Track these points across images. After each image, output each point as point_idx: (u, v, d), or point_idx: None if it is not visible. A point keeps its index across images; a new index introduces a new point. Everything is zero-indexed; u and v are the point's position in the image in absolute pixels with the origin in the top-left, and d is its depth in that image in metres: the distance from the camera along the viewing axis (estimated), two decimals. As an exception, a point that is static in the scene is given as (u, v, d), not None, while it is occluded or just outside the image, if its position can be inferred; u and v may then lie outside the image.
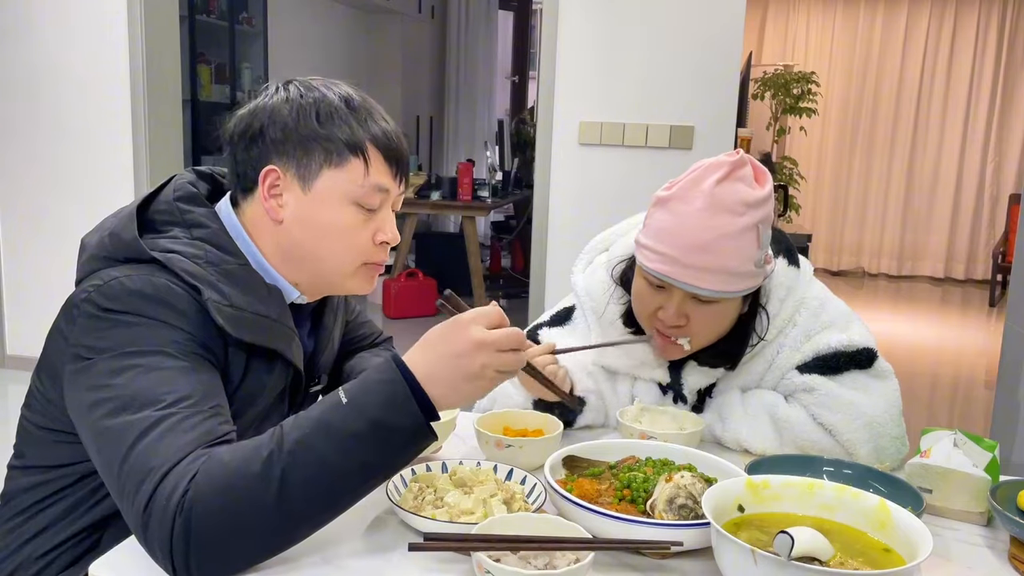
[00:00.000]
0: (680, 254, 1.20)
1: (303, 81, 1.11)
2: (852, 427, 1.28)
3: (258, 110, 1.08)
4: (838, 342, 1.33)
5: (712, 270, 1.20)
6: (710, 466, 1.08)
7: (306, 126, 1.05)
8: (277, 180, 1.07)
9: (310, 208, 1.07)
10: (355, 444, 0.87)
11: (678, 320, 1.26)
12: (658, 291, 1.27)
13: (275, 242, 1.10)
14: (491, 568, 0.82)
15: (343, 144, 1.05)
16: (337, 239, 1.08)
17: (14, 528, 1.09)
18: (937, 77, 8.05)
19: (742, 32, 3.39)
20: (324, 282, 1.13)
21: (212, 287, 1.01)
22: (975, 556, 1.02)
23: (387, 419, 0.88)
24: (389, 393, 0.89)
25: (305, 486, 0.85)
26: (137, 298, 0.97)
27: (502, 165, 6.89)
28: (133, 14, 3.69)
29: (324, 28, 6.77)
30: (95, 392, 0.94)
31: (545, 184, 3.59)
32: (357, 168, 1.06)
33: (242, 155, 1.09)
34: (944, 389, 4.88)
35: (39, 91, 3.86)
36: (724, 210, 1.19)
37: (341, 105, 1.07)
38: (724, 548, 0.84)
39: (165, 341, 0.96)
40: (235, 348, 1.04)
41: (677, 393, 1.40)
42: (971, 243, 8.21)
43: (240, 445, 0.89)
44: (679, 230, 1.20)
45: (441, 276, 5.88)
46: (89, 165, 3.84)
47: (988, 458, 1.12)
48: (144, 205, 1.08)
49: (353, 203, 1.07)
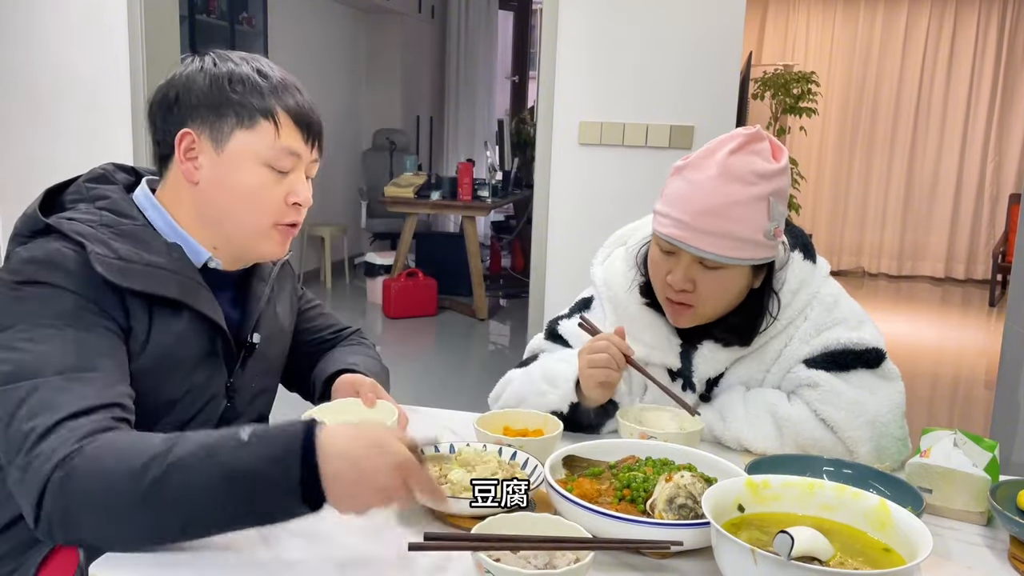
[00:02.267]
0: (690, 218, 1.24)
1: (219, 52, 1.16)
2: (854, 424, 1.28)
3: (174, 79, 1.14)
4: (848, 339, 1.34)
5: (719, 235, 1.23)
6: (710, 466, 1.08)
7: (219, 91, 1.10)
8: (192, 143, 1.11)
9: (223, 169, 1.11)
10: (228, 487, 0.88)
11: (684, 284, 1.29)
12: (668, 257, 1.30)
13: (192, 206, 1.14)
14: (491, 568, 0.82)
15: (254, 108, 1.11)
16: (249, 199, 1.12)
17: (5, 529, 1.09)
18: (937, 77, 8.05)
19: (742, 32, 3.39)
20: (238, 244, 1.16)
21: (100, 243, 1.04)
22: (975, 556, 1.02)
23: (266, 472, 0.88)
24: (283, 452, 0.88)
25: (170, 503, 0.88)
26: (31, 265, 1.02)
27: (502, 165, 6.90)
28: (133, 14, 3.69)
29: (324, 28, 6.77)
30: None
31: (545, 184, 3.59)
32: (268, 131, 1.11)
33: (160, 123, 1.14)
34: (944, 389, 4.88)
35: (39, 91, 3.86)
36: (736, 179, 1.23)
37: (253, 75, 1.12)
38: (724, 548, 0.84)
39: (55, 309, 1.00)
40: (133, 301, 1.06)
41: (687, 380, 1.41)
42: (971, 243, 8.21)
43: (138, 436, 0.94)
44: (691, 195, 1.24)
45: (441, 276, 5.88)
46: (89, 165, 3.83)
47: (988, 458, 1.12)
48: (57, 191, 1.14)
49: (264, 164, 1.12)
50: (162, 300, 1.08)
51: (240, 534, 0.96)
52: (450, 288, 6.02)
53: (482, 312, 5.68)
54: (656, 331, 1.40)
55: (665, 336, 1.41)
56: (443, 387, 4.26)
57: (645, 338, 1.40)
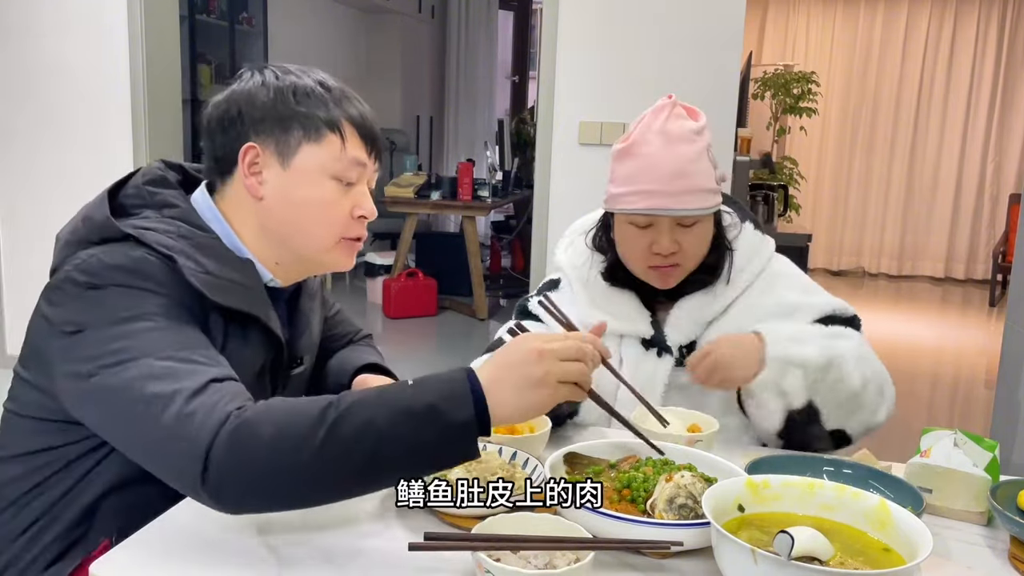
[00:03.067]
0: (660, 186, 1.33)
1: (278, 66, 1.14)
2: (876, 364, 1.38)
3: (235, 94, 1.11)
4: (843, 306, 1.44)
5: (690, 192, 1.33)
6: (710, 466, 1.08)
7: (284, 105, 1.09)
8: (256, 157, 1.10)
9: (290, 183, 1.10)
10: (405, 419, 0.88)
11: (672, 247, 1.36)
12: (645, 230, 1.37)
13: (255, 221, 1.12)
14: (491, 568, 0.82)
15: (320, 121, 1.09)
16: (317, 212, 1.11)
17: (2, 524, 1.09)
18: (937, 77, 8.04)
19: (742, 32, 3.39)
20: (304, 259, 1.15)
21: (186, 256, 1.03)
22: (975, 556, 1.02)
23: (441, 406, 0.88)
24: (450, 387, 0.90)
25: (350, 441, 0.87)
26: (117, 271, 1.00)
27: (502, 165, 6.89)
28: (133, 14, 3.69)
29: (324, 28, 6.78)
30: (92, 361, 0.96)
31: (545, 184, 3.59)
32: (334, 143, 1.10)
33: (220, 138, 1.11)
34: (944, 389, 4.88)
35: (39, 91, 3.86)
36: (680, 140, 1.34)
37: (316, 87, 1.11)
38: (724, 548, 0.84)
39: (152, 306, 0.99)
40: (214, 315, 1.05)
41: (661, 347, 1.45)
42: (971, 243, 8.20)
43: (301, 398, 0.92)
44: (652, 166, 1.34)
45: (441, 276, 5.88)
46: (89, 165, 3.84)
47: (988, 458, 1.12)
48: (114, 192, 1.11)
49: (332, 177, 1.11)
50: (238, 316, 1.08)
51: (239, 534, 0.96)
52: (450, 288, 6.01)
53: (482, 312, 5.68)
54: (625, 303, 1.47)
55: (635, 307, 1.47)
56: (443, 387, 4.25)
57: (615, 311, 1.46)
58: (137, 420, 0.92)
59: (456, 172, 5.76)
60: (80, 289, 0.99)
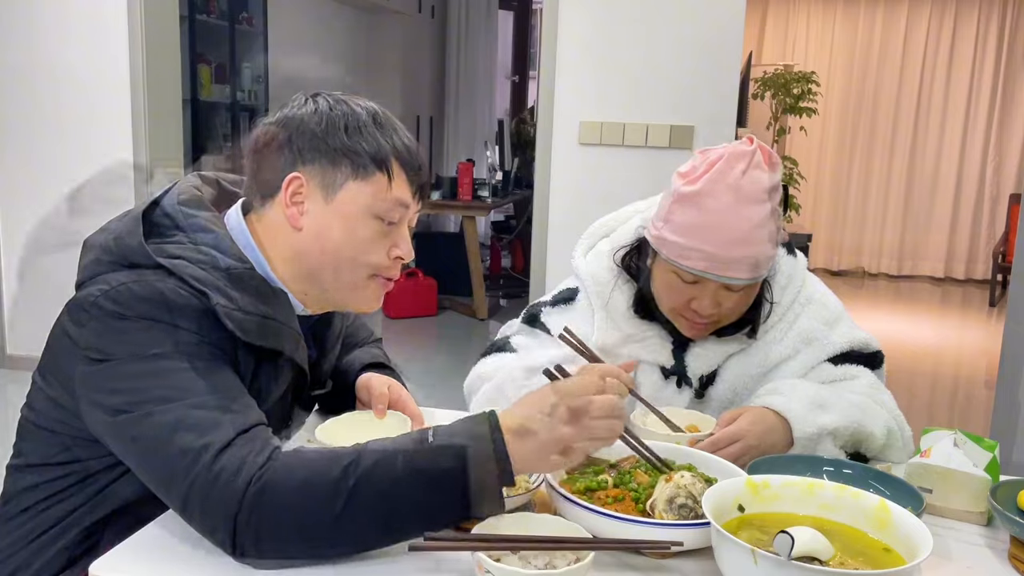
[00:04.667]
0: (718, 249, 1.24)
1: (331, 94, 1.12)
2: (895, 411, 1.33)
3: (287, 120, 1.09)
4: (857, 339, 1.39)
5: (747, 262, 1.25)
6: (710, 466, 1.08)
7: (335, 137, 1.07)
8: (300, 187, 1.07)
9: (331, 217, 1.08)
10: (429, 489, 0.88)
11: (713, 308, 1.29)
12: (691, 285, 1.29)
13: (290, 250, 1.10)
14: (491, 568, 0.82)
15: (369, 158, 1.07)
16: (355, 250, 1.09)
17: (14, 529, 1.09)
18: (937, 77, 8.04)
19: (742, 32, 3.39)
20: (332, 295, 1.14)
21: (220, 292, 1.01)
22: (975, 556, 1.02)
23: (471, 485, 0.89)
24: (478, 458, 0.90)
25: (371, 508, 0.88)
26: (146, 304, 0.98)
27: (502, 165, 6.89)
28: (133, 14, 3.68)
29: (324, 28, 6.77)
30: (119, 395, 0.95)
31: (545, 184, 3.59)
32: (381, 182, 1.08)
33: (266, 162, 1.09)
34: (944, 389, 4.88)
35: (39, 91, 3.86)
36: (752, 201, 1.24)
37: (368, 120, 1.09)
38: (724, 548, 0.84)
39: (181, 344, 0.97)
40: (244, 351, 1.04)
41: (681, 377, 1.41)
42: (971, 243, 8.20)
43: (320, 450, 0.93)
44: (714, 226, 1.24)
45: (441, 276, 5.87)
46: (89, 165, 3.84)
47: (988, 458, 1.12)
48: (148, 209, 1.09)
49: (374, 216, 1.09)
50: (268, 352, 1.07)
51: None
52: (450, 288, 6.01)
53: (482, 312, 5.68)
54: (648, 329, 1.41)
55: (657, 334, 1.41)
56: (443, 387, 4.25)
57: (636, 335, 1.41)
58: (164, 471, 0.92)
59: (456, 172, 5.76)
60: (108, 317, 0.98)
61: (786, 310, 1.40)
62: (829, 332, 1.39)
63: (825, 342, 1.38)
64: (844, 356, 1.38)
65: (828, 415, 1.24)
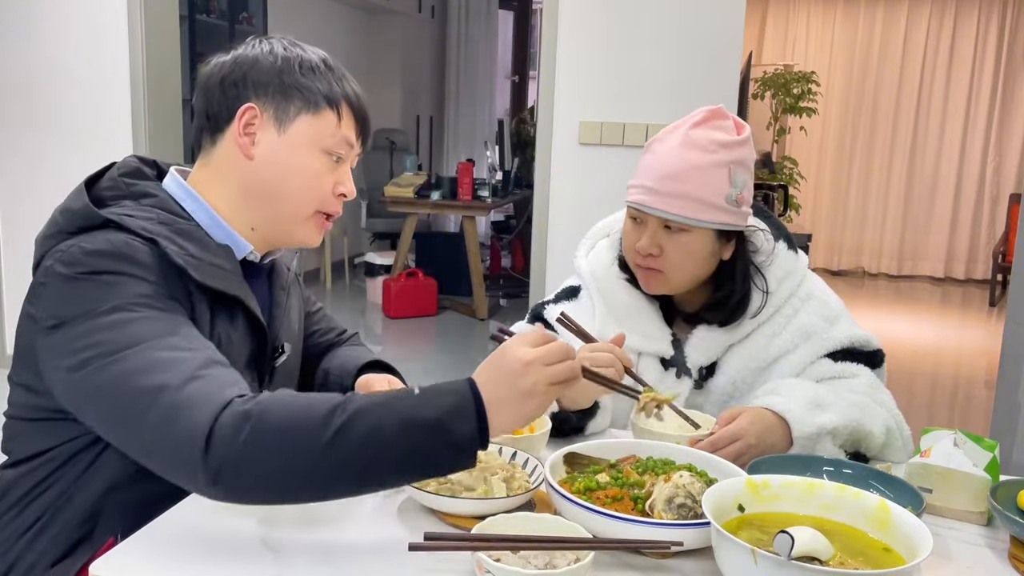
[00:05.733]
0: (654, 183, 1.32)
1: (284, 37, 1.17)
2: (895, 410, 1.34)
3: (240, 58, 1.14)
4: (858, 337, 1.39)
5: (680, 197, 1.30)
6: (710, 466, 1.08)
7: (288, 75, 1.12)
8: (254, 118, 1.12)
9: (282, 149, 1.12)
10: (411, 430, 0.88)
11: (651, 248, 1.34)
12: (638, 225, 1.37)
13: (238, 183, 1.13)
14: (491, 568, 0.82)
15: (322, 96, 1.13)
16: (303, 181, 1.13)
17: (7, 523, 1.09)
18: (937, 77, 8.04)
19: (742, 32, 3.39)
20: (279, 227, 1.17)
21: (168, 240, 1.04)
22: (975, 556, 1.02)
23: (447, 421, 0.89)
24: (455, 401, 0.90)
25: (355, 446, 0.87)
26: (98, 257, 0.99)
27: (502, 165, 6.89)
28: (133, 14, 3.69)
29: (324, 28, 6.78)
30: (80, 353, 0.95)
31: (545, 184, 3.59)
32: (331, 119, 1.14)
33: (219, 96, 1.13)
34: (944, 389, 4.88)
35: (39, 91, 3.86)
36: (696, 147, 1.31)
37: (320, 64, 1.15)
38: (724, 548, 0.84)
39: (136, 294, 0.98)
40: (199, 296, 1.06)
41: (680, 368, 1.43)
42: (971, 243, 8.20)
43: (306, 393, 0.93)
44: (655, 164, 1.33)
45: (441, 276, 5.88)
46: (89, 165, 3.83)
47: (988, 458, 1.12)
48: (90, 185, 1.11)
49: (323, 151, 1.14)
50: (223, 299, 1.09)
51: (239, 534, 0.96)
52: (450, 288, 6.01)
53: (482, 312, 5.68)
54: (647, 320, 1.44)
55: (656, 325, 1.44)
56: (443, 387, 4.26)
57: (636, 327, 1.42)
58: (130, 416, 0.92)
59: (456, 172, 5.76)
60: (62, 280, 0.99)
61: (783, 303, 1.41)
62: (829, 328, 1.40)
63: (824, 337, 1.39)
64: (844, 352, 1.39)
65: (827, 415, 1.24)
